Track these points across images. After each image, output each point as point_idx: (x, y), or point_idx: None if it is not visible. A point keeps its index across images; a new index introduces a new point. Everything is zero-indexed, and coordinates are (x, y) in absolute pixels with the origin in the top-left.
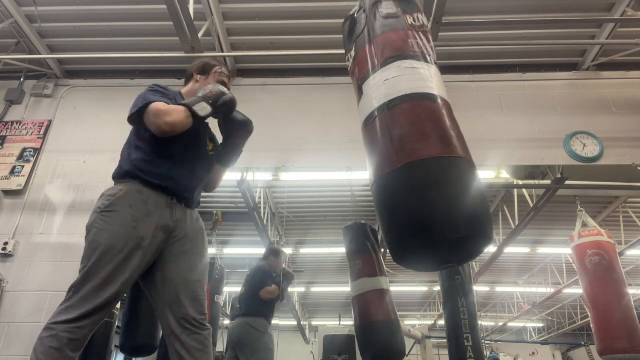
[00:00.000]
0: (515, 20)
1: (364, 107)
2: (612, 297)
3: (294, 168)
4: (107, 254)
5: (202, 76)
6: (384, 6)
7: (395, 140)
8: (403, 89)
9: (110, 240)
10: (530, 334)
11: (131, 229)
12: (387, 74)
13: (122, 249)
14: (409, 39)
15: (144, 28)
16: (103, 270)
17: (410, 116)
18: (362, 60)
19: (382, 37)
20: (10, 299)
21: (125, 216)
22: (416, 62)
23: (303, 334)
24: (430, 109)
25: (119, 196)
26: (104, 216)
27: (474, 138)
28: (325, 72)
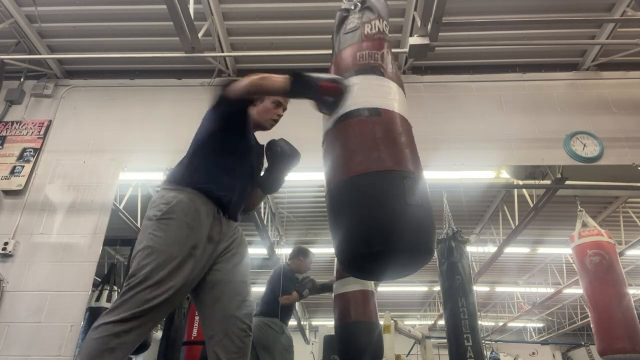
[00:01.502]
0: (515, 20)
1: (325, 124)
2: (612, 297)
3: (294, 168)
4: (162, 259)
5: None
6: (349, 21)
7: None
8: (350, 104)
9: (165, 247)
10: (530, 334)
11: (185, 237)
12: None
13: (176, 255)
14: (361, 51)
15: (144, 28)
16: (157, 274)
17: (351, 132)
18: (332, 70)
19: (341, 53)
20: (10, 299)
21: (181, 224)
22: (362, 77)
23: (303, 334)
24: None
25: (174, 204)
26: (161, 223)
27: (474, 138)
28: (325, 72)
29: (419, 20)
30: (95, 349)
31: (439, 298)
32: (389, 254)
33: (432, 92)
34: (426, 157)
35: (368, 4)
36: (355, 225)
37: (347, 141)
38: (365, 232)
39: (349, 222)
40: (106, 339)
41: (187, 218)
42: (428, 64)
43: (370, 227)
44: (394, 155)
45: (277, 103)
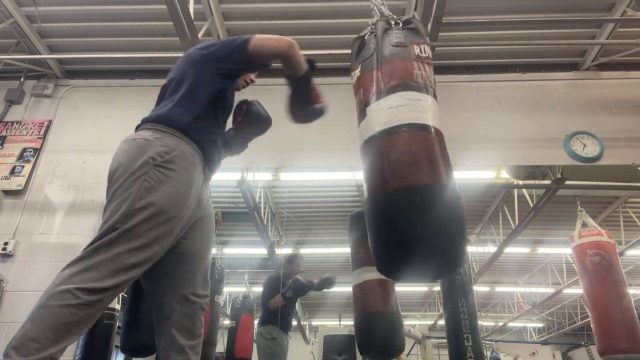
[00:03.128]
0: (515, 20)
1: (365, 128)
2: (612, 297)
3: (294, 168)
4: (155, 218)
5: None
6: (394, 35)
7: (391, 165)
8: (403, 117)
9: (163, 203)
10: (530, 334)
11: (184, 197)
12: (391, 102)
13: (172, 216)
14: (414, 70)
15: (144, 28)
16: (145, 235)
17: (406, 144)
18: (368, 83)
19: (390, 64)
20: (10, 299)
21: (182, 179)
22: (418, 94)
23: (303, 334)
24: (425, 139)
25: (177, 154)
26: (159, 171)
27: (474, 138)
28: (325, 72)
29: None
30: (60, 320)
31: (439, 298)
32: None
33: None
34: None
35: (414, 26)
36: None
37: (407, 151)
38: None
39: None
40: (73, 309)
41: (187, 174)
42: None
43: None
44: (448, 170)
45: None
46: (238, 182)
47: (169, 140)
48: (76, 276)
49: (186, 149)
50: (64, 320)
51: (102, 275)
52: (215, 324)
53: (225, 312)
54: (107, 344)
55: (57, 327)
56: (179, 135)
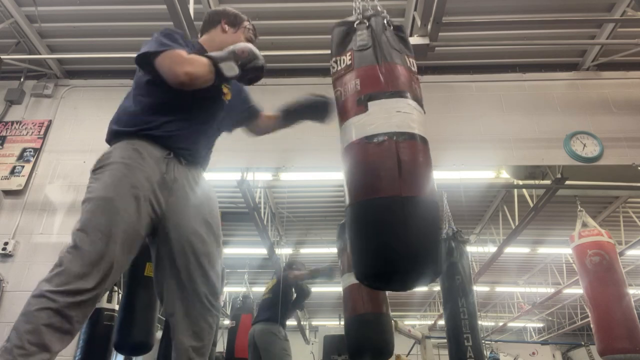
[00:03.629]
0: (515, 20)
1: (366, 124)
2: (612, 297)
3: (294, 168)
4: (99, 205)
5: (232, 28)
6: (390, 38)
7: (404, 171)
8: (414, 126)
9: (101, 193)
10: (530, 334)
11: (123, 176)
12: (399, 106)
13: (113, 197)
14: (412, 82)
15: (144, 28)
16: (97, 223)
17: (415, 153)
18: (368, 76)
19: (392, 66)
20: (10, 299)
21: (118, 167)
22: (419, 106)
23: (303, 334)
24: (425, 151)
25: (110, 152)
26: (95, 175)
27: (474, 138)
28: (325, 72)
29: (419, 20)
30: (38, 323)
31: (439, 298)
32: (400, 274)
33: (432, 92)
34: None
35: (404, 36)
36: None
37: (416, 160)
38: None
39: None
40: (50, 312)
41: (123, 159)
42: (428, 64)
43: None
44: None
45: (249, 40)
46: (238, 182)
47: (108, 150)
48: (51, 281)
49: (122, 145)
50: (41, 322)
51: (73, 277)
52: None
53: (225, 312)
54: (106, 345)
55: (37, 331)
56: (116, 140)
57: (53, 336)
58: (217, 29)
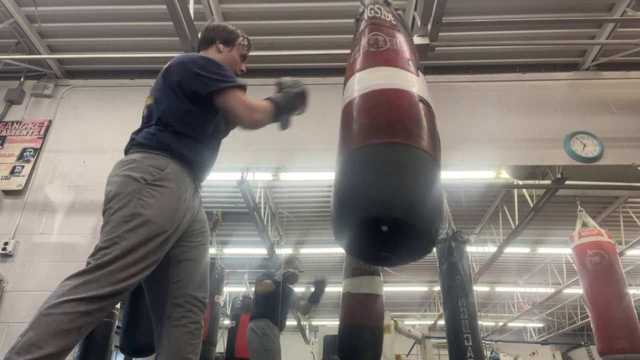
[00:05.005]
0: (515, 20)
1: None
2: (612, 297)
3: (294, 168)
4: (154, 233)
5: (227, 47)
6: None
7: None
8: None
9: (158, 218)
10: (530, 334)
11: (176, 209)
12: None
13: (167, 230)
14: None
15: (144, 28)
16: (143, 249)
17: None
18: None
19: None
20: (10, 299)
21: (174, 195)
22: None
23: (303, 334)
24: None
25: (168, 172)
26: (153, 190)
27: (474, 138)
28: (325, 72)
29: (419, 20)
30: (61, 327)
31: (439, 298)
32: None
33: (432, 92)
34: None
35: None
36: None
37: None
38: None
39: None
40: (74, 316)
41: (179, 189)
42: (428, 64)
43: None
44: (436, 148)
45: (244, 57)
46: (238, 182)
47: (158, 160)
48: (78, 288)
49: (175, 167)
50: (64, 327)
51: (102, 286)
52: (215, 324)
53: (225, 312)
54: (106, 343)
55: (59, 333)
56: (166, 155)
57: (70, 339)
58: (213, 48)
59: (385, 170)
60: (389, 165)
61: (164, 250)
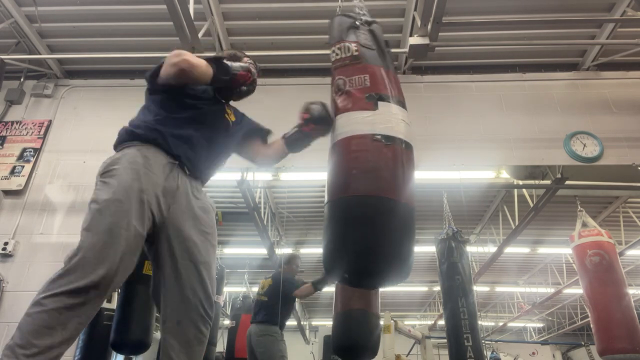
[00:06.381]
0: (515, 20)
1: (378, 122)
2: (612, 297)
3: (294, 168)
4: (106, 207)
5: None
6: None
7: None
8: (411, 138)
9: (109, 195)
10: (530, 334)
11: (131, 180)
12: (403, 115)
13: (122, 200)
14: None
15: (144, 28)
16: (103, 223)
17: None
18: (378, 77)
19: (395, 76)
20: (10, 299)
21: (126, 172)
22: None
23: (303, 334)
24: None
25: (119, 156)
26: (103, 178)
27: (474, 138)
28: (325, 72)
29: (419, 20)
30: (42, 324)
31: (439, 298)
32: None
33: (432, 92)
34: (426, 157)
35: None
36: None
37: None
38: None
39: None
40: (53, 312)
41: (132, 165)
42: (428, 64)
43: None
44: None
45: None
46: (238, 182)
47: (117, 153)
48: (55, 282)
49: (131, 149)
50: (45, 324)
51: (79, 276)
52: (215, 324)
53: (225, 312)
54: (106, 345)
55: (40, 332)
56: (129, 145)
57: (53, 336)
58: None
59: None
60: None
61: (132, 220)
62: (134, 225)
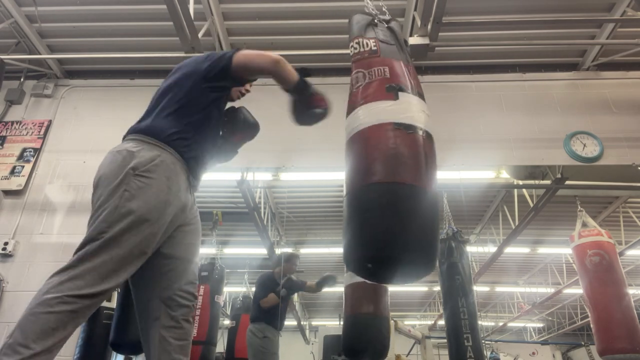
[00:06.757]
0: (515, 20)
1: (399, 112)
2: (612, 297)
3: (294, 168)
4: (138, 224)
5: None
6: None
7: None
8: (430, 127)
9: (144, 211)
10: (530, 334)
11: (165, 202)
12: (423, 107)
13: (153, 222)
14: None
15: (144, 28)
16: (128, 242)
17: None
18: (397, 70)
19: (413, 69)
20: (10, 299)
21: (162, 187)
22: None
23: (303, 334)
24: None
25: (157, 163)
26: (139, 181)
27: (474, 138)
28: (325, 72)
29: (419, 20)
30: (46, 325)
31: (439, 298)
32: (393, 260)
33: (432, 92)
34: None
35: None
36: (366, 229)
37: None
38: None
39: (362, 225)
40: (61, 315)
41: (169, 182)
42: (428, 64)
43: (380, 232)
44: (417, 170)
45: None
46: (238, 182)
47: (150, 150)
48: (63, 284)
49: (167, 158)
50: (51, 325)
51: (88, 283)
52: (215, 324)
53: (225, 312)
54: (105, 344)
55: (45, 332)
56: (161, 146)
57: (57, 337)
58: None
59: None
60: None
61: (151, 243)
62: (155, 245)
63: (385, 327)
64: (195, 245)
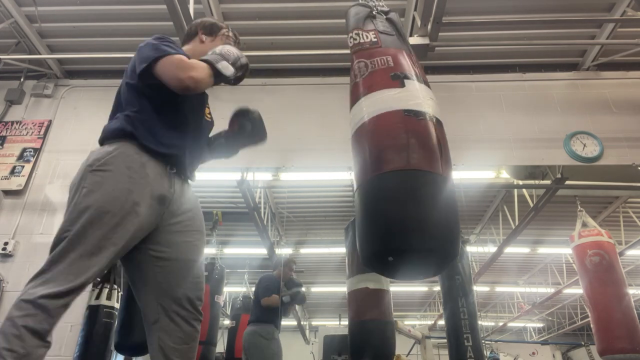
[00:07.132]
0: (515, 20)
1: (407, 99)
2: (612, 297)
3: (294, 168)
4: (97, 217)
5: (209, 37)
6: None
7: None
8: (439, 114)
9: (102, 203)
10: (530, 334)
11: (126, 191)
12: (430, 94)
13: (115, 213)
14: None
15: (144, 28)
16: (92, 236)
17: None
18: (400, 58)
19: (415, 58)
20: (10, 299)
21: (121, 177)
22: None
23: (303, 334)
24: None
25: (115, 154)
26: (96, 175)
27: (474, 138)
28: (325, 72)
29: (419, 20)
30: (26, 328)
31: (439, 298)
32: (417, 250)
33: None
34: None
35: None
36: (384, 220)
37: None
38: (396, 227)
39: (380, 216)
40: (39, 317)
41: (129, 171)
42: (428, 64)
43: (402, 221)
44: (432, 157)
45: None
46: (238, 182)
47: (110, 146)
48: (37, 288)
49: (127, 149)
50: (30, 327)
51: (61, 283)
52: (215, 324)
53: (225, 312)
54: (105, 343)
55: (24, 335)
56: (121, 140)
57: (40, 336)
58: (196, 40)
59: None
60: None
61: (121, 235)
62: (124, 238)
63: (390, 331)
64: (191, 244)
